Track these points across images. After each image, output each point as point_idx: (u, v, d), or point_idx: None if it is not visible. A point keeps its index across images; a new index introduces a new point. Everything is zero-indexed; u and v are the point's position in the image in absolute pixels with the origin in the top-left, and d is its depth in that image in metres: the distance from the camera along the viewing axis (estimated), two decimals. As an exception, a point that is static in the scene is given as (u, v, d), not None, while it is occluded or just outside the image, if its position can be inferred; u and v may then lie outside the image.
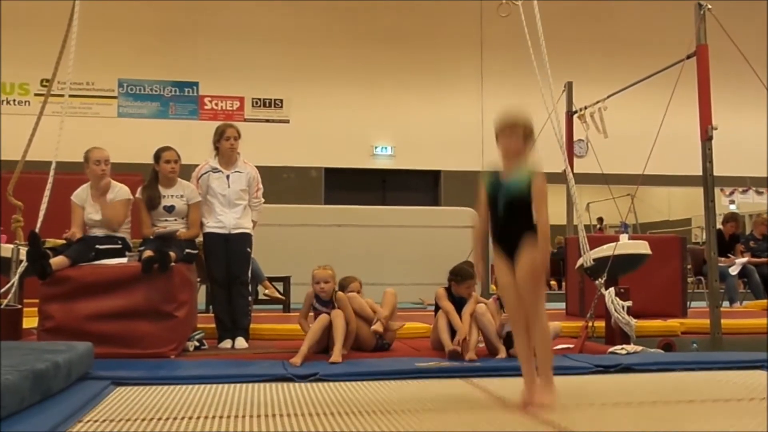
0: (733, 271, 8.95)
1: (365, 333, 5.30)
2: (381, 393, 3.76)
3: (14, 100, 12.46)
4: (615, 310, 5.45)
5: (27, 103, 12.32)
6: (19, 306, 5.13)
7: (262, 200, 5.96)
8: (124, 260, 5.30)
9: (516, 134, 3.45)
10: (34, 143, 5.79)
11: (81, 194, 5.52)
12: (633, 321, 5.43)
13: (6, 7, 11.98)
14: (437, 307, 5.28)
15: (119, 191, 5.53)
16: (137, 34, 12.76)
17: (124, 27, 12.64)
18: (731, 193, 14.69)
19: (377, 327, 5.22)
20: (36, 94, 12.14)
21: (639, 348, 5.14)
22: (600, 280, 5.59)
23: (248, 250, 5.72)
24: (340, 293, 5.26)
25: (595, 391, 3.86)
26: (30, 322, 5.28)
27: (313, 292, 5.23)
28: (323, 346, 5.02)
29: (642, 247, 6.04)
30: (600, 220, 15.49)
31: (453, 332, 5.02)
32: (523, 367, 3.49)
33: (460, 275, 5.16)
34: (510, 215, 3.43)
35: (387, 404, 3.43)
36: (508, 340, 5.02)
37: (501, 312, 5.09)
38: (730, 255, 9.23)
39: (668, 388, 3.91)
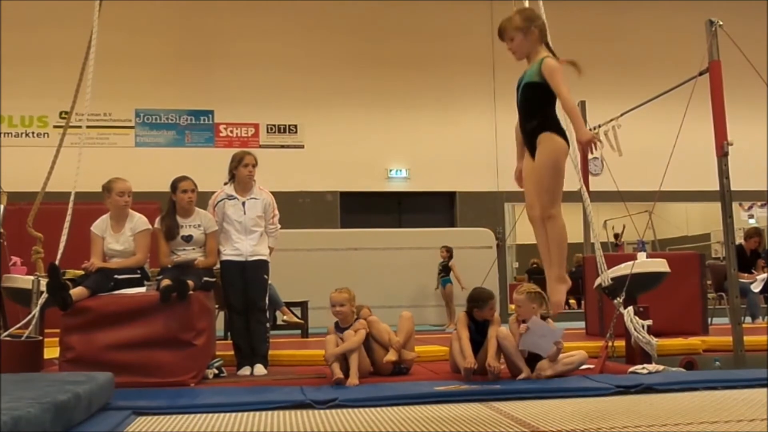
0: (756, 287, 8.83)
1: (383, 358, 5.28)
2: (401, 419, 3.74)
3: (33, 133, 12.64)
4: (635, 329, 5.40)
5: (46, 135, 12.48)
6: (40, 337, 5.16)
7: (279, 226, 5.98)
8: (142, 289, 5.33)
9: (509, 37, 3.67)
10: (53, 174, 5.86)
11: (100, 225, 5.57)
12: (653, 340, 5.37)
13: (25, 41, 12.20)
14: None
15: (138, 221, 5.57)
16: (153, 64, 12.93)
17: (140, 58, 12.81)
18: (750, 208, 14.55)
19: (390, 357, 5.21)
20: (55, 126, 12.31)
21: (660, 367, 5.08)
22: (618, 299, 5.55)
23: (265, 276, 5.73)
24: (373, 319, 5.26)
25: (617, 412, 3.81)
26: (51, 352, 5.32)
27: (333, 327, 5.23)
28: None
29: (660, 265, 6.00)
30: (616, 236, 15.30)
31: (474, 352, 5.00)
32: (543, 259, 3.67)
33: (480, 300, 5.14)
34: (525, 106, 3.62)
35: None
36: (531, 361, 4.99)
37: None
38: (753, 271, 9.12)
39: (691, 409, 3.85)
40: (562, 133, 3.66)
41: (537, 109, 3.60)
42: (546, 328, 4.92)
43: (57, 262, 5.08)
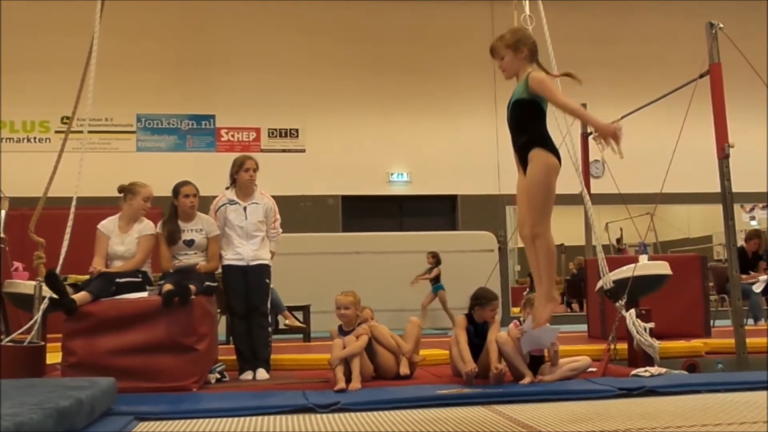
0: (757, 288, 8.82)
1: (386, 361, 5.28)
2: (403, 423, 3.74)
3: (35, 138, 12.65)
4: (637, 331, 5.40)
5: (48, 141, 12.49)
6: (42, 343, 5.16)
7: (280, 231, 5.99)
8: (144, 294, 5.34)
9: (500, 56, 3.76)
10: (55, 179, 5.87)
11: (108, 225, 5.57)
12: (656, 342, 5.37)
13: (26, 47, 12.23)
14: None
15: (146, 225, 5.61)
16: (154, 69, 12.94)
17: (141, 63, 12.82)
18: (752, 209, 14.54)
19: (404, 370, 5.24)
20: (56, 131, 12.31)
21: (663, 370, 5.08)
22: (620, 301, 5.55)
23: (267, 281, 5.74)
24: (373, 324, 5.27)
25: (620, 415, 3.81)
26: (53, 357, 5.32)
27: (336, 329, 5.23)
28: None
29: (662, 268, 6.00)
30: (618, 241, 15.26)
31: (473, 356, 4.99)
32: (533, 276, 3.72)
33: (484, 298, 5.15)
34: (515, 124, 3.67)
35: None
36: (533, 365, 4.98)
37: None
38: (751, 272, 9.11)
39: (694, 411, 3.85)
40: (553, 150, 3.69)
41: (526, 126, 3.65)
42: (542, 327, 4.91)
43: (59, 268, 5.09)
